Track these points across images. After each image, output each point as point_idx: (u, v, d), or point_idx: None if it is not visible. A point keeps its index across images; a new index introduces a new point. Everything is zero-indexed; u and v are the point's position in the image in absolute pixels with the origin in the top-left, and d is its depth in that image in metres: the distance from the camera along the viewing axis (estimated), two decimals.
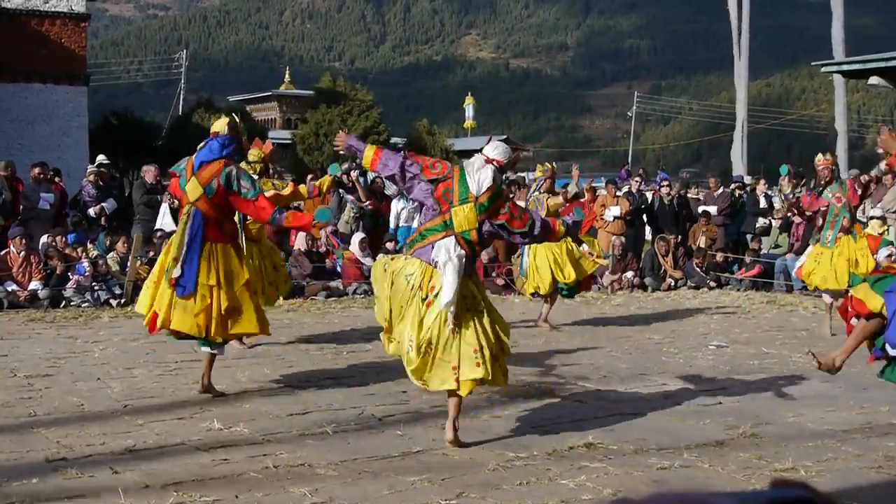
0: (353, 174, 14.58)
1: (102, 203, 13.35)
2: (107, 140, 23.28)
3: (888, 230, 12.00)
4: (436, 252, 5.09)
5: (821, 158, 10.28)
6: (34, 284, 11.10)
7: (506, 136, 44.75)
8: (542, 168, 10.43)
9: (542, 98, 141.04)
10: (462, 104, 39.75)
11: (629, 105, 64.07)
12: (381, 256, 11.62)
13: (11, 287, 10.97)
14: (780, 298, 13.17)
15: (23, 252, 11.21)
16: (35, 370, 7.19)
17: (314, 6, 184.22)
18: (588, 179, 20.29)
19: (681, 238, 15.53)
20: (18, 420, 5.66)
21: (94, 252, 12.08)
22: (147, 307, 6.36)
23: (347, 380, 7.02)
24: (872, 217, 11.79)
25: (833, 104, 31.46)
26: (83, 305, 11.05)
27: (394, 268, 5.24)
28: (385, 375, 7.06)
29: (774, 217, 15.62)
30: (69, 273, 11.37)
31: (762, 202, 16.18)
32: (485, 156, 5.27)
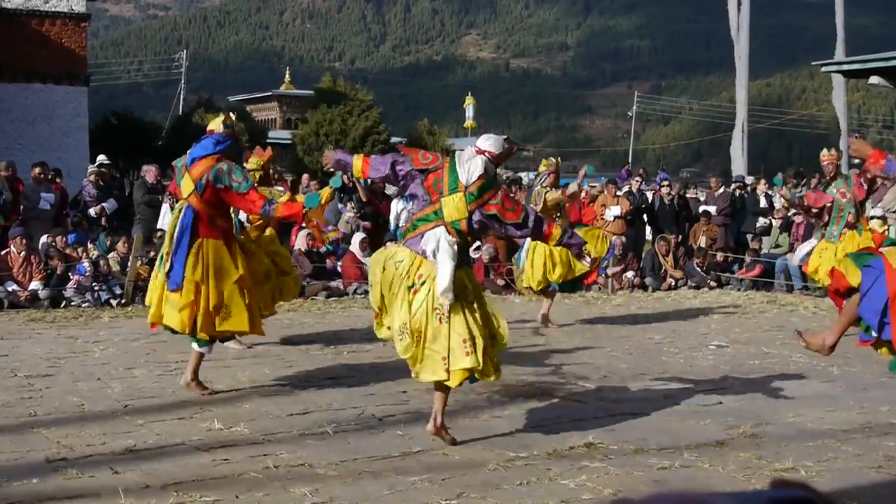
0: None
1: (103, 203, 13.35)
2: (107, 140, 23.26)
3: (888, 230, 11.98)
4: (425, 241, 5.09)
5: (825, 153, 10.26)
6: (34, 284, 11.10)
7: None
8: (547, 162, 10.41)
9: (543, 98, 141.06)
10: (462, 104, 39.70)
11: (629, 105, 64.06)
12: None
13: (12, 287, 10.98)
14: (781, 298, 13.17)
15: (23, 252, 11.22)
16: (35, 370, 7.19)
17: (314, 6, 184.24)
18: (589, 180, 20.26)
19: (681, 238, 15.53)
20: (19, 420, 5.66)
21: (95, 252, 12.08)
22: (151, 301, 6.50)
23: (347, 380, 7.02)
24: (873, 217, 11.77)
25: (832, 104, 31.47)
26: (83, 305, 11.05)
27: (387, 254, 5.31)
28: (385, 375, 7.06)
29: (774, 217, 15.62)
30: (69, 273, 11.38)
31: (762, 202, 16.18)
32: (476, 147, 5.28)
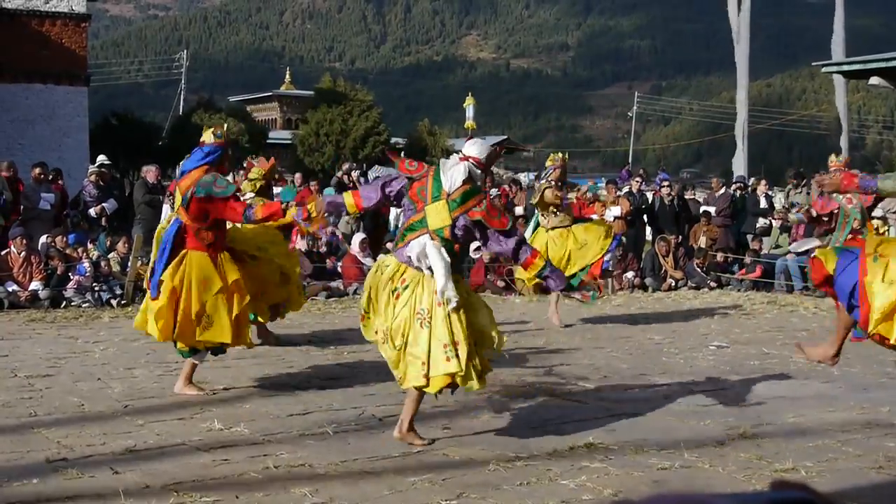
0: (354, 174, 14.58)
1: (103, 203, 13.35)
2: (107, 140, 23.31)
3: (888, 230, 11.99)
4: (409, 249, 5.10)
5: (833, 160, 10.24)
6: (35, 285, 11.11)
7: (506, 136, 44.76)
8: (553, 158, 10.38)
9: (543, 98, 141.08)
10: (462, 104, 39.65)
11: (629, 105, 64.05)
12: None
13: (12, 287, 10.98)
14: (781, 299, 13.17)
15: (23, 252, 11.22)
16: (35, 370, 7.20)
17: (314, 6, 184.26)
18: (589, 180, 20.22)
19: (681, 238, 15.52)
20: (19, 420, 5.66)
21: (95, 252, 12.09)
22: None
23: (347, 380, 7.02)
24: (873, 217, 11.78)
25: (834, 104, 31.46)
26: (84, 306, 11.06)
27: (380, 262, 5.34)
28: (385, 375, 7.03)
29: (775, 217, 15.62)
30: (70, 273, 11.38)
31: (762, 202, 16.17)
32: (461, 153, 5.27)
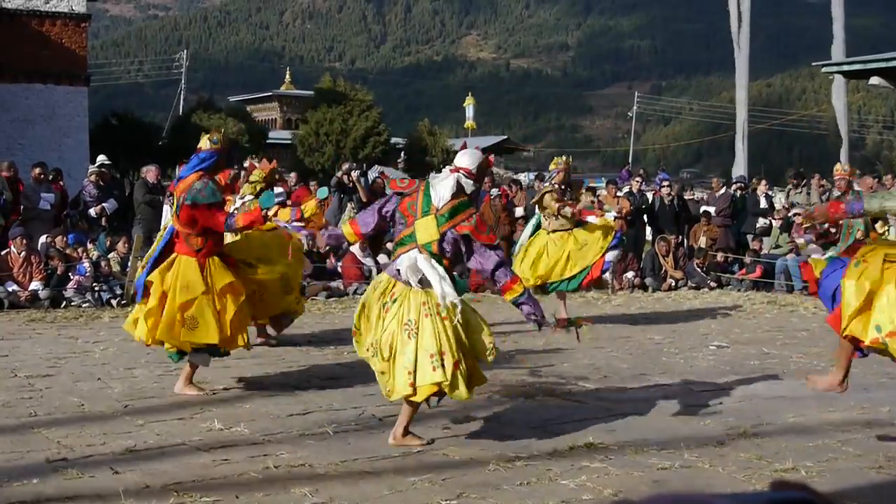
0: (354, 174, 14.57)
1: (103, 203, 13.35)
2: (107, 140, 23.31)
3: (888, 230, 11.96)
4: (398, 263, 5.12)
5: (839, 168, 10.21)
6: (35, 285, 11.11)
7: (506, 136, 44.75)
8: (556, 161, 10.35)
9: (543, 98, 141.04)
10: (462, 104, 39.65)
11: (629, 105, 64.04)
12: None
13: (12, 287, 10.99)
14: (781, 299, 13.17)
15: (23, 252, 11.22)
16: (36, 370, 7.20)
17: (314, 6, 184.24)
18: (589, 179, 20.29)
19: (681, 238, 15.52)
20: (19, 420, 5.66)
21: (95, 252, 12.09)
22: None
23: (347, 380, 7.01)
24: (876, 221, 11.75)
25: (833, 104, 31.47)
26: (84, 306, 11.06)
27: (376, 279, 5.40)
28: None
29: (775, 217, 15.62)
30: (70, 273, 11.38)
31: (763, 202, 16.17)
32: (453, 166, 5.26)
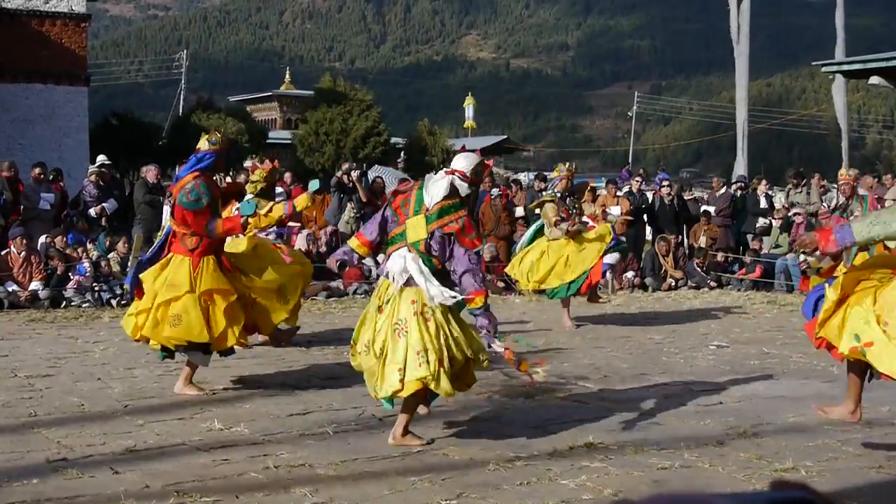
0: (354, 174, 14.57)
1: (103, 203, 13.35)
2: (107, 140, 23.28)
3: None
4: (390, 263, 5.18)
5: (843, 174, 10.18)
6: (35, 285, 11.11)
7: (506, 136, 44.73)
8: (559, 169, 10.33)
9: (543, 98, 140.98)
10: (462, 104, 39.64)
11: (629, 105, 63.98)
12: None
13: (12, 287, 10.99)
14: (781, 298, 13.18)
15: (23, 252, 11.22)
16: (36, 370, 7.20)
17: (314, 6, 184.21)
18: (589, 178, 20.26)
19: (681, 238, 15.52)
20: (19, 420, 5.67)
21: (95, 252, 12.09)
22: None
23: (347, 380, 7.00)
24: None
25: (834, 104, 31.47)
26: (84, 306, 11.06)
27: (378, 284, 5.43)
28: None
29: (775, 217, 15.61)
30: (70, 273, 11.38)
31: (762, 202, 16.16)
32: (449, 168, 5.31)
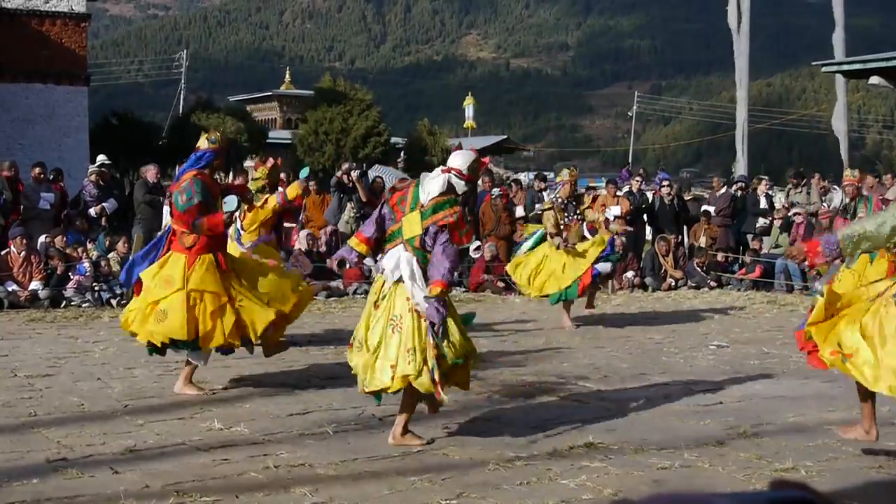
0: (354, 174, 14.57)
1: (103, 203, 13.34)
2: (107, 140, 23.26)
3: None
4: (386, 259, 5.25)
5: (848, 175, 10.17)
6: (35, 284, 11.11)
7: (506, 136, 44.72)
8: (562, 174, 10.37)
9: (543, 98, 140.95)
10: (462, 104, 39.62)
11: (629, 105, 63.98)
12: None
13: (12, 287, 10.99)
14: (781, 298, 13.18)
15: (23, 252, 11.22)
16: (35, 370, 7.20)
17: (314, 6, 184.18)
18: (589, 179, 20.28)
19: (681, 238, 15.51)
20: (19, 420, 5.67)
21: (95, 252, 12.09)
22: None
23: (347, 380, 6.98)
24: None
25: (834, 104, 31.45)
26: (83, 305, 11.06)
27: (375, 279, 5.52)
28: None
29: (775, 217, 15.61)
30: (70, 273, 11.38)
31: (762, 202, 16.15)
32: (445, 166, 5.34)
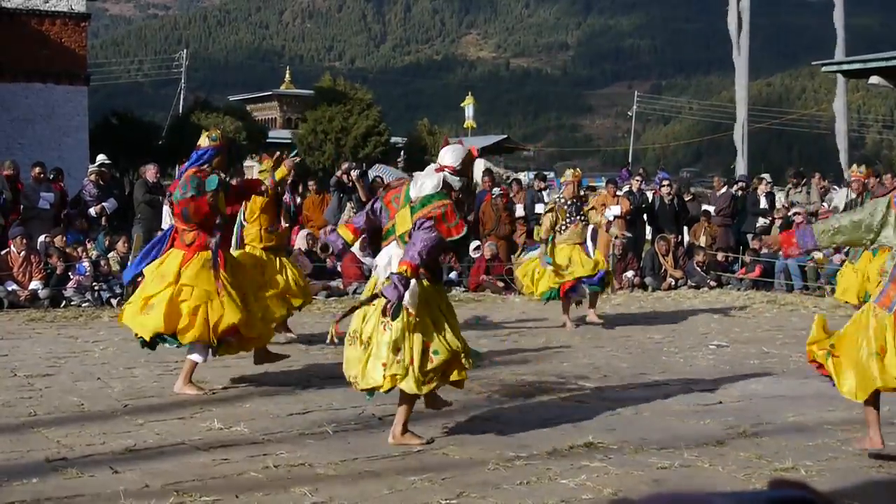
0: (354, 174, 14.56)
1: (103, 203, 13.34)
2: (107, 140, 23.24)
3: None
4: (379, 257, 5.32)
5: (854, 170, 10.17)
6: (34, 284, 11.11)
7: (506, 136, 44.70)
8: (565, 175, 10.38)
9: (543, 98, 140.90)
10: (462, 104, 39.56)
11: (629, 105, 63.94)
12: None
13: (12, 287, 10.99)
14: (781, 298, 13.17)
15: (23, 252, 11.22)
16: (35, 370, 7.20)
17: (314, 6, 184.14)
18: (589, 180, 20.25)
19: (681, 238, 15.51)
20: (19, 420, 5.67)
21: (94, 252, 12.09)
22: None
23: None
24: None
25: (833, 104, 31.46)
26: (83, 305, 11.06)
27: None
28: None
29: (775, 217, 15.60)
30: (69, 273, 11.38)
31: (762, 202, 16.15)
32: (437, 164, 5.33)
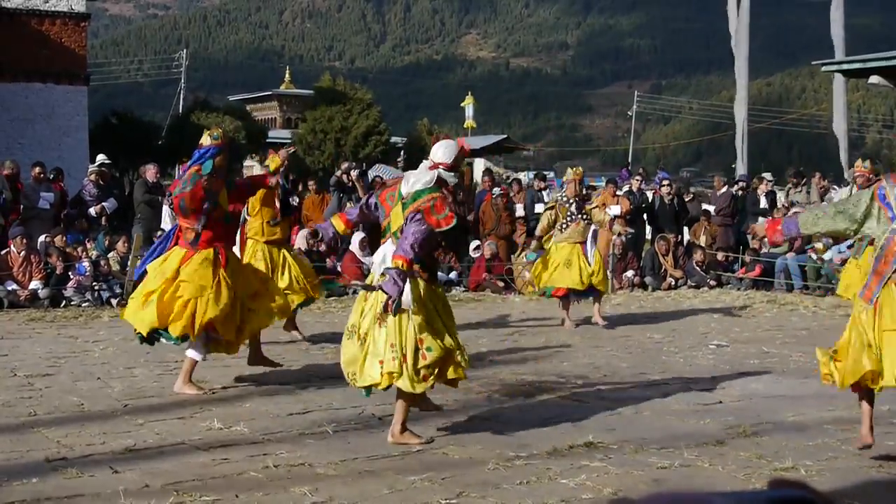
0: (353, 173, 14.55)
1: (103, 202, 13.34)
2: (107, 140, 23.23)
3: None
4: (375, 254, 5.37)
5: (859, 165, 10.14)
6: (34, 284, 11.11)
7: (506, 136, 44.69)
8: (567, 174, 10.43)
9: (543, 97, 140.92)
10: (462, 103, 39.54)
11: (629, 104, 63.92)
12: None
13: (12, 287, 10.98)
14: (781, 298, 13.17)
15: (23, 251, 11.22)
16: (35, 370, 7.20)
17: (314, 6, 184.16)
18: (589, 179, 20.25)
19: (681, 237, 15.50)
20: (19, 420, 5.67)
21: (94, 252, 12.08)
22: None
23: None
24: None
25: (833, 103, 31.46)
26: (83, 305, 11.05)
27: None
28: None
29: (775, 216, 15.60)
30: (69, 273, 11.38)
31: (763, 202, 16.15)
32: (431, 162, 5.32)
